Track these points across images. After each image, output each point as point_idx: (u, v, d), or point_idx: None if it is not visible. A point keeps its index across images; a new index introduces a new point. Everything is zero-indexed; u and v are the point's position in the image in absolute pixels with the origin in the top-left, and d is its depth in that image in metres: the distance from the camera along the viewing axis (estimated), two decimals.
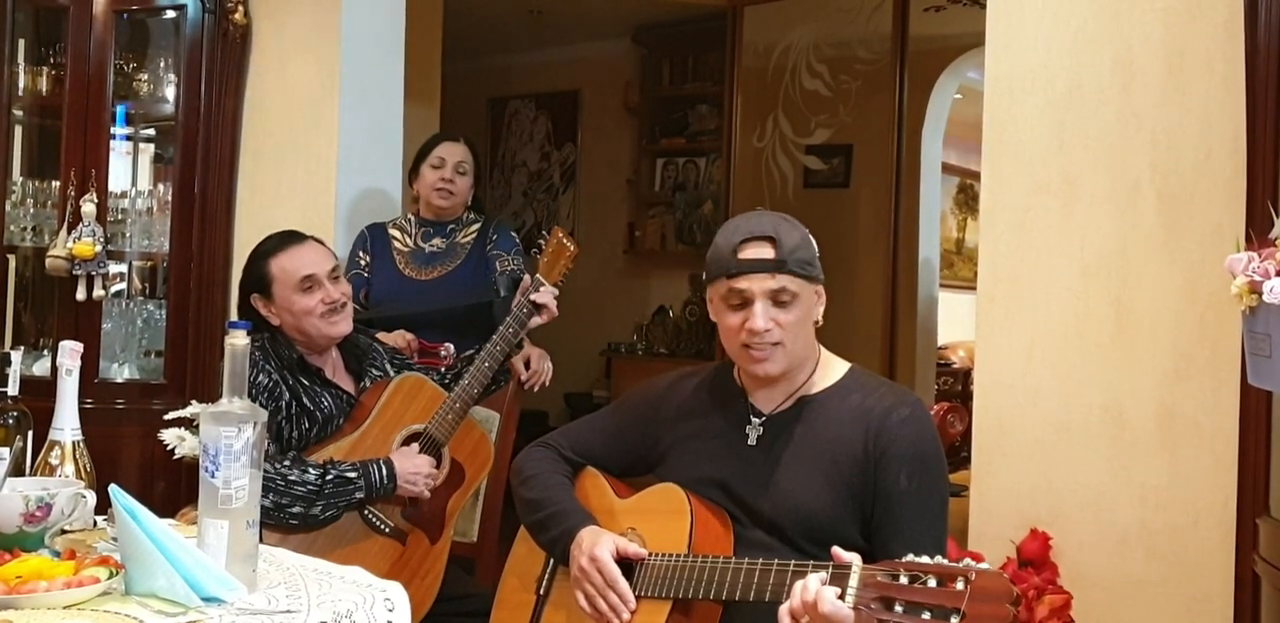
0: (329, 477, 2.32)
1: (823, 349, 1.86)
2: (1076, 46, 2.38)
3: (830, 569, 1.47)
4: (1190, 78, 2.26)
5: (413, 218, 3.24)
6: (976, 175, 2.77)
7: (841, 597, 1.41)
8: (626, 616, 1.74)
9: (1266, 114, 2.03)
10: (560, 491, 1.91)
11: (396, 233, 3.21)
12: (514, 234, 3.23)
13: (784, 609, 1.49)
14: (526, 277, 2.68)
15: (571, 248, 2.67)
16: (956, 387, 6.45)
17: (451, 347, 2.88)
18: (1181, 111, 2.26)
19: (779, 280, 1.72)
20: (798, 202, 5.70)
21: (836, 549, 1.49)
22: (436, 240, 3.19)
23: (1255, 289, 1.55)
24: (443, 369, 2.75)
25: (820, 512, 1.73)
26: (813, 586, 1.44)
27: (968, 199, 7.76)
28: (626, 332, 6.28)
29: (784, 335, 1.74)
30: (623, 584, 1.74)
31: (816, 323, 1.79)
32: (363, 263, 3.17)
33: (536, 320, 2.64)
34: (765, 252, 1.72)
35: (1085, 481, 2.33)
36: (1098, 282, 2.34)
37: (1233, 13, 2.16)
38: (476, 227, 3.21)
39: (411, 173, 3.25)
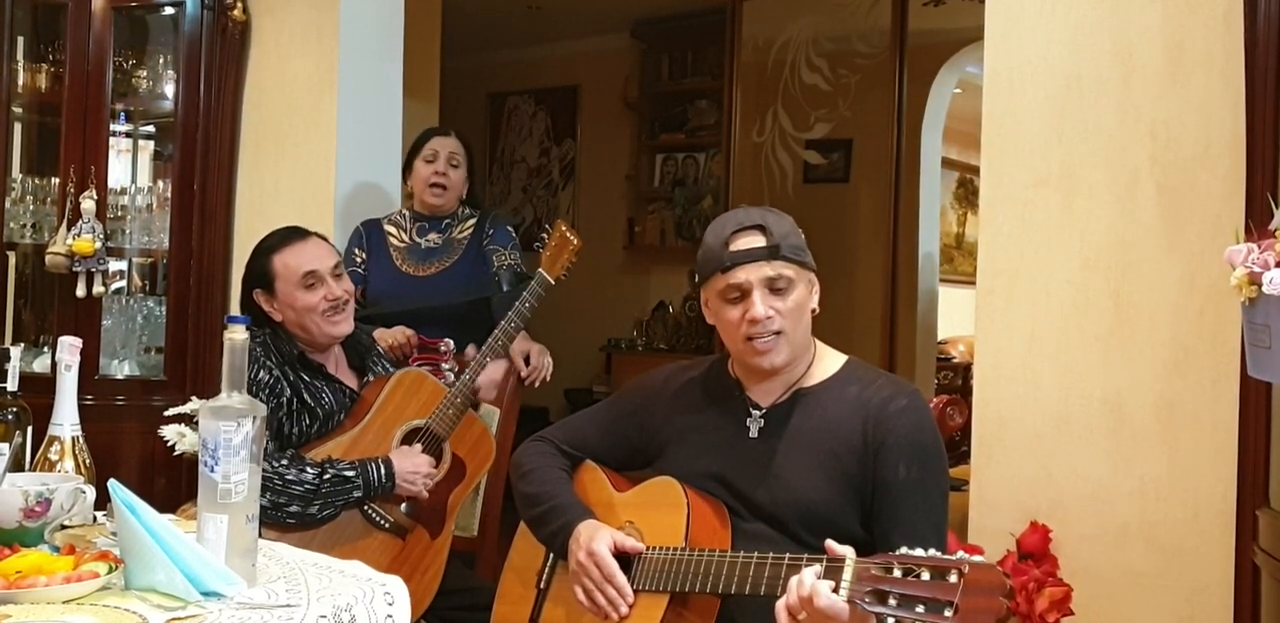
0: (326, 476, 2.32)
1: (818, 342, 1.86)
2: (1075, 39, 2.38)
3: (824, 563, 1.47)
4: (1189, 70, 2.26)
5: (407, 213, 3.23)
6: (976, 170, 2.77)
7: (835, 590, 1.41)
8: (625, 609, 1.74)
9: (1266, 105, 2.02)
10: (558, 485, 1.91)
11: (392, 228, 3.20)
12: (510, 229, 3.22)
13: (780, 605, 1.49)
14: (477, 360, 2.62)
15: (574, 242, 2.67)
16: (956, 381, 6.44)
17: (451, 342, 2.87)
18: (1181, 103, 2.26)
19: (774, 267, 1.73)
20: (797, 196, 5.70)
21: (830, 543, 1.49)
22: (432, 235, 3.18)
23: (1255, 280, 1.54)
24: (450, 366, 2.75)
25: (820, 503, 1.73)
26: (808, 580, 1.44)
27: (967, 194, 7.76)
28: (626, 327, 6.28)
29: (784, 323, 1.74)
30: (620, 578, 1.74)
31: (813, 311, 1.80)
32: (359, 260, 3.16)
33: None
34: (757, 241, 1.74)
35: (1085, 473, 2.33)
36: (1097, 274, 2.34)
37: (1231, 4, 2.16)
38: (472, 222, 3.20)
39: (405, 169, 3.25)
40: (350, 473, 2.35)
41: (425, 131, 3.29)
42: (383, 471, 2.37)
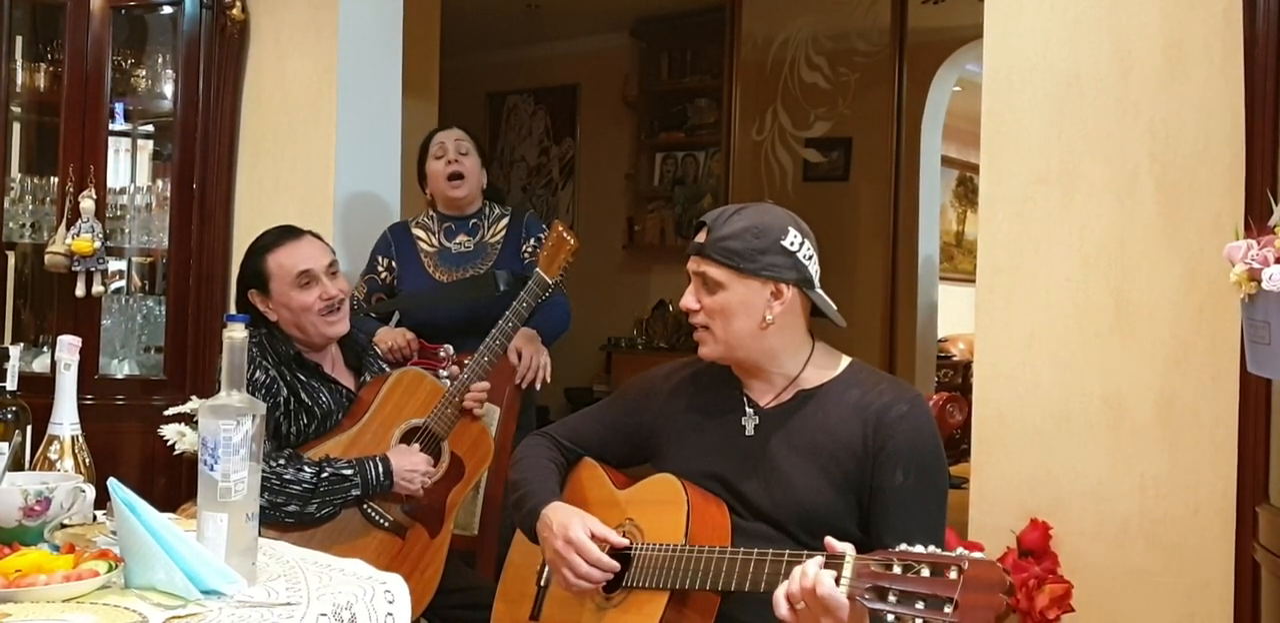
0: (324, 475, 2.31)
1: (819, 343, 1.85)
2: (1074, 37, 2.38)
3: (824, 559, 1.47)
4: (1189, 67, 2.25)
5: (434, 214, 3.15)
6: (976, 168, 2.77)
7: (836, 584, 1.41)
8: (598, 576, 1.74)
9: (1265, 103, 2.02)
10: (536, 471, 1.93)
11: (420, 232, 3.13)
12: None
13: (780, 592, 1.48)
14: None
15: (571, 242, 2.66)
16: (957, 379, 6.46)
17: (451, 348, 2.84)
18: (1180, 101, 2.26)
19: (698, 264, 1.77)
20: (797, 195, 5.71)
21: (830, 540, 1.48)
22: (461, 237, 3.10)
23: (1254, 277, 1.54)
24: (448, 374, 2.73)
25: (819, 506, 1.72)
26: (811, 570, 1.44)
27: (967, 192, 7.76)
28: (626, 326, 6.29)
29: (707, 320, 1.77)
30: (601, 556, 1.74)
31: (766, 322, 1.74)
32: (381, 267, 3.10)
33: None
34: (700, 237, 1.79)
35: (1085, 470, 2.33)
36: (1097, 271, 2.34)
37: (1230, 1, 2.16)
38: (505, 222, 3.12)
39: (420, 178, 3.18)
40: (348, 471, 2.34)
41: (428, 133, 3.24)
42: (380, 469, 2.37)
